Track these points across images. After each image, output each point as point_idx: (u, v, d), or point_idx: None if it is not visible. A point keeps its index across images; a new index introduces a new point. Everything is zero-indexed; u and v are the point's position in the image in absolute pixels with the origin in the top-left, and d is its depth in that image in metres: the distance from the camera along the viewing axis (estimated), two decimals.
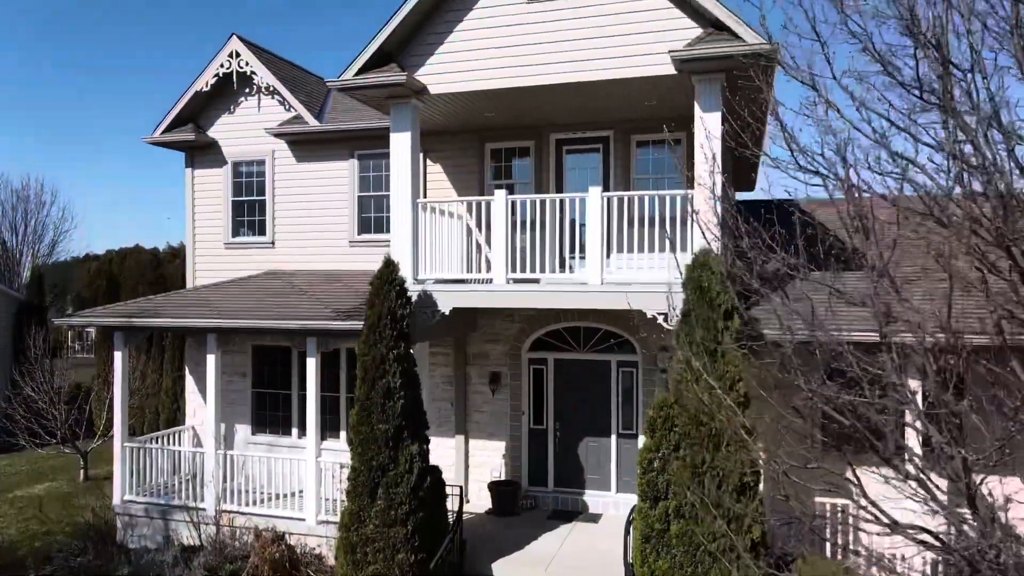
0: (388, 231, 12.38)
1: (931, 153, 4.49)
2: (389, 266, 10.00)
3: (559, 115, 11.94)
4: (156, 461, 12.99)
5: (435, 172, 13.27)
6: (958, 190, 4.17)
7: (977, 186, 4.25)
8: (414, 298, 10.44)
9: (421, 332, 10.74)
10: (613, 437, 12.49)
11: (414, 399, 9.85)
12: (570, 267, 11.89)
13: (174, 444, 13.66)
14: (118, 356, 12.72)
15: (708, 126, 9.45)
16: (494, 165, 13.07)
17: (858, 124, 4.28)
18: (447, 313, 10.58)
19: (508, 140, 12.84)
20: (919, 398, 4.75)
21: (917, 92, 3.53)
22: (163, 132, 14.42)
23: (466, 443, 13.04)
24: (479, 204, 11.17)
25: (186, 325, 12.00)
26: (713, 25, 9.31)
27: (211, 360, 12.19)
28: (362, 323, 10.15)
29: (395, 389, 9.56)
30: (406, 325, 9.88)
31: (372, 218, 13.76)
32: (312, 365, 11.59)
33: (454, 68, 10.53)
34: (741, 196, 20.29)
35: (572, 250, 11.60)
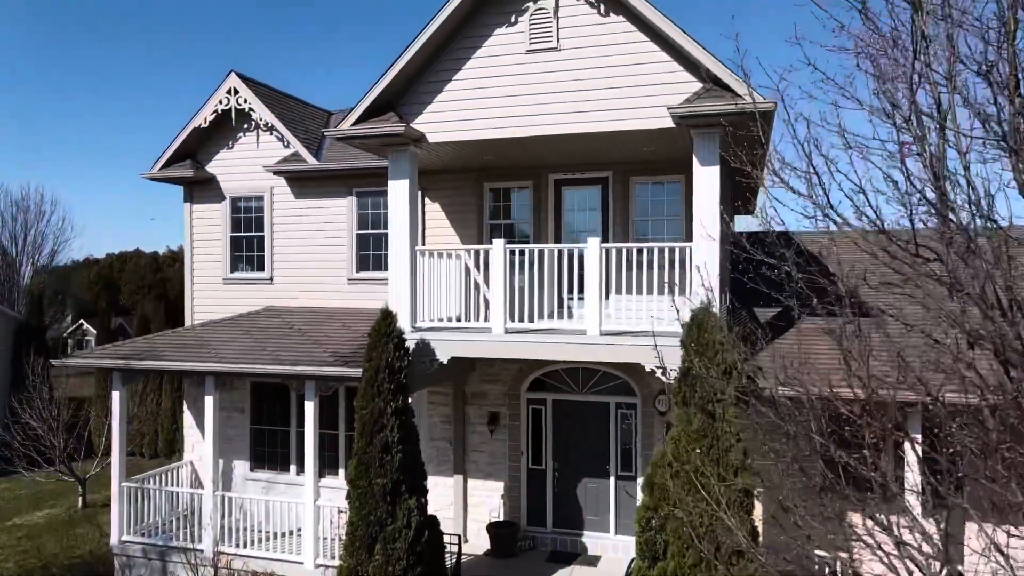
0: (386, 269, 12.36)
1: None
2: (387, 317, 9.98)
3: (558, 158, 11.92)
4: (154, 500, 12.98)
5: (433, 210, 13.25)
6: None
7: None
8: (412, 346, 10.41)
9: (420, 380, 10.73)
10: (612, 478, 12.47)
11: (412, 452, 9.83)
12: (568, 309, 11.88)
13: (172, 484, 13.63)
14: (116, 396, 12.70)
15: (706, 180, 9.44)
16: (493, 204, 13.05)
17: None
18: (445, 362, 10.55)
19: (506, 180, 12.82)
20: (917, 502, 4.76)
21: (917, 256, 3.52)
22: (161, 168, 14.40)
23: (464, 483, 13.02)
24: (477, 252, 11.17)
25: (184, 368, 11.98)
26: (712, 80, 9.28)
27: (209, 401, 12.18)
28: (360, 369, 10.14)
29: (393, 443, 9.54)
30: (404, 377, 9.86)
31: (371, 256, 13.73)
32: (310, 409, 11.58)
33: (452, 117, 10.50)
34: (740, 219, 20.25)
35: (571, 290, 11.57)
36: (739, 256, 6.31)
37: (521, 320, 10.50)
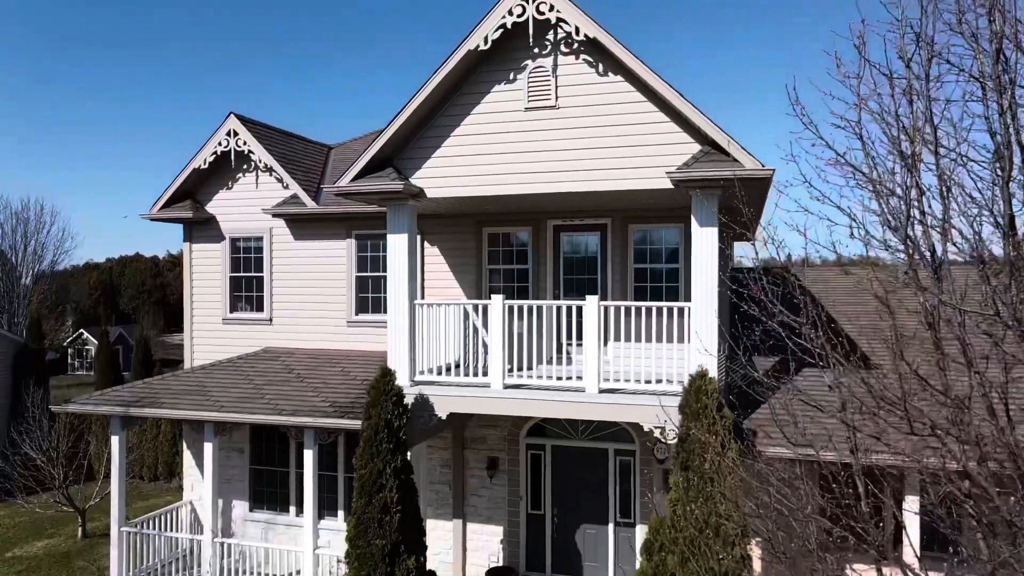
0: (385, 311, 12.35)
1: None
2: (386, 375, 10.00)
3: (557, 207, 11.94)
4: (153, 543, 13.00)
5: (432, 254, 13.25)
6: None
7: None
8: (411, 402, 10.43)
9: (419, 435, 10.74)
10: (610, 525, 12.48)
11: (412, 510, 9.86)
12: (568, 355, 11.87)
13: (172, 526, 13.63)
14: (115, 440, 12.73)
15: (704, 241, 9.45)
16: (491, 248, 13.06)
17: None
18: (444, 418, 10.56)
19: (506, 225, 12.83)
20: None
21: (906, 421, 3.56)
22: (161, 208, 14.42)
23: (464, 527, 13.03)
24: (475, 306, 11.16)
25: (183, 416, 11.98)
26: (710, 144, 9.29)
27: (208, 448, 12.19)
28: (359, 422, 10.19)
29: (392, 504, 9.56)
30: (403, 434, 9.88)
31: (370, 298, 13.75)
32: (309, 457, 11.60)
33: (451, 173, 10.51)
34: (739, 244, 20.16)
35: (570, 337, 11.56)
36: (741, 289, 6.36)
37: (520, 370, 10.51)
